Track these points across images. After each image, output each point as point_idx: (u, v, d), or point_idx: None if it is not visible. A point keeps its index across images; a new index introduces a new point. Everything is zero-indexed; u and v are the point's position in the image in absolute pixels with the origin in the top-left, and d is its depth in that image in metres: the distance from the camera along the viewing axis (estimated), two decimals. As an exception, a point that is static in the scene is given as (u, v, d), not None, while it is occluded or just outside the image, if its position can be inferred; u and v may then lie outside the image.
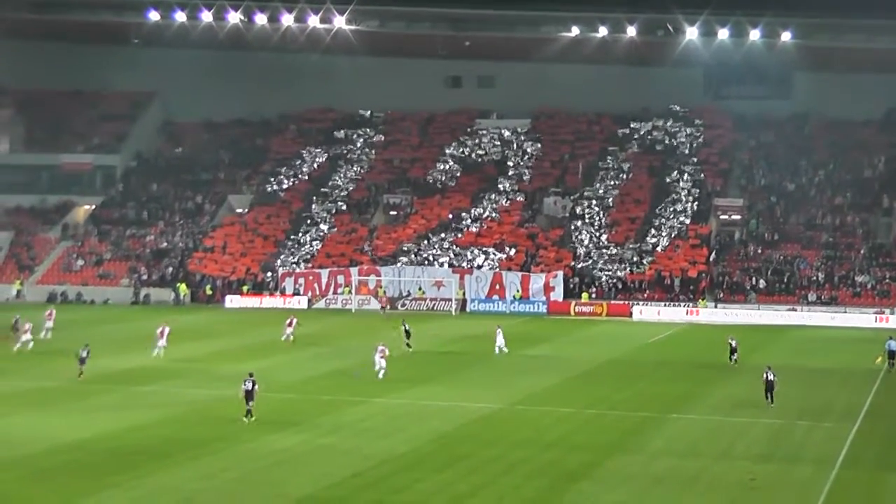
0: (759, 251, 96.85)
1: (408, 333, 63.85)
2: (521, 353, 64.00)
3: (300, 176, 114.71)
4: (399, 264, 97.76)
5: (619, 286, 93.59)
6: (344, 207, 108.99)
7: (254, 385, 41.79)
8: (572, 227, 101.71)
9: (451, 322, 79.69)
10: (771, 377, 46.59)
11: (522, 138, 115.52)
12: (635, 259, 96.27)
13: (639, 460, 36.20)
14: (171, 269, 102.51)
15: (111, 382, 51.06)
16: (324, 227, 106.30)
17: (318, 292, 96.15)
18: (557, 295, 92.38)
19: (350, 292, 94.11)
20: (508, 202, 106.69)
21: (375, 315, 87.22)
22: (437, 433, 39.91)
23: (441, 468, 34.67)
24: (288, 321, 67.23)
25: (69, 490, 31.51)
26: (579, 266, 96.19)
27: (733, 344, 58.90)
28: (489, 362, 59.89)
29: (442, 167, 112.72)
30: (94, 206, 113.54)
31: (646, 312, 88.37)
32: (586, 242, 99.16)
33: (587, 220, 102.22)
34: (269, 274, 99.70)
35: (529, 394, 49.34)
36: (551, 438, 39.63)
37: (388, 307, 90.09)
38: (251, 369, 44.53)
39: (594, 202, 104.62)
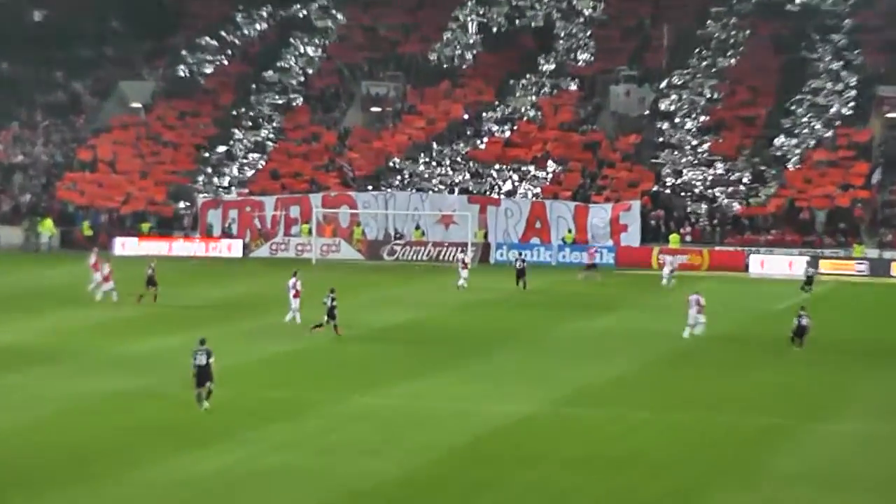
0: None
1: (520, 273, 76.98)
2: (571, 326, 64.28)
3: (232, 53, 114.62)
4: (385, 190, 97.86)
5: (729, 224, 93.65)
6: (300, 102, 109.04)
7: (209, 357, 43.28)
8: (655, 133, 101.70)
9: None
10: (805, 322, 56.00)
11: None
12: (753, 182, 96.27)
13: (758, 490, 36.52)
14: (29, 196, 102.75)
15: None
16: (268, 132, 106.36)
17: (259, 232, 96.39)
18: (632, 237, 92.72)
19: (309, 232, 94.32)
20: (555, 93, 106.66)
21: (349, 266, 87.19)
22: (445, 448, 40.16)
23: (452, 500, 35.02)
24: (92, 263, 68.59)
25: None
26: (665, 192, 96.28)
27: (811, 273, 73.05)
28: (522, 341, 60.03)
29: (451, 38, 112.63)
30: None
31: (770, 264, 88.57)
32: (676, 156, 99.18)
33: (677, 122, 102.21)
34: (184, 205, 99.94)
35: (584, 389, 49.48)
36: (619, 455, 39.91)
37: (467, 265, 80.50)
38: (156, 348, 44.66)
39: (688, 93, 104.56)
